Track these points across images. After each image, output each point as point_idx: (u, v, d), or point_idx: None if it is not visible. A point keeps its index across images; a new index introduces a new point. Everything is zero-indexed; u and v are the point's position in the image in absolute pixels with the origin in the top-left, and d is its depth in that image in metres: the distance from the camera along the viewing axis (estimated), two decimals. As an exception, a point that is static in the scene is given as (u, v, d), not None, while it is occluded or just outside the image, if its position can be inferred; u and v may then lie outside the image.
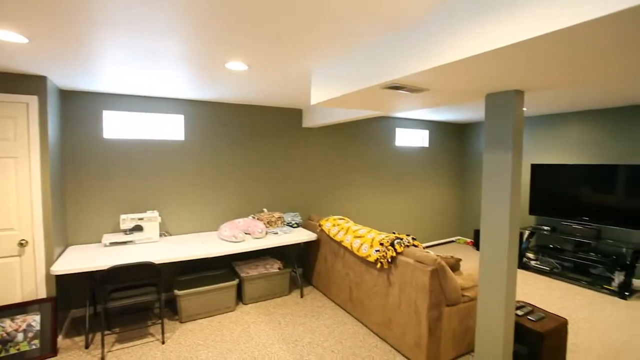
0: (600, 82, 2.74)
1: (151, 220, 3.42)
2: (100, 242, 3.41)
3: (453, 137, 6.20)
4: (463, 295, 2.56)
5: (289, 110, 4.50)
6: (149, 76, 2.71)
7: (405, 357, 2.67)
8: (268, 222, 4.07)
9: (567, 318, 3.29)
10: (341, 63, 2.26)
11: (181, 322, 3.25)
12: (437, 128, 5.93)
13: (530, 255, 4.96)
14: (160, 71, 2.56)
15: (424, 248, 2.72)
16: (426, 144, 5.80)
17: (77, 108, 3.28)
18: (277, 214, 4.17)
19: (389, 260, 2.72)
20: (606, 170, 4.17)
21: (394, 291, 2.71)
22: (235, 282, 3.47)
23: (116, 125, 3.53)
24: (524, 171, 5.34)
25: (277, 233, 3.88)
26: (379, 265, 2.79)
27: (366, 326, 3.16)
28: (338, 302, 3.60)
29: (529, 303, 2.83)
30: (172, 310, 3.52)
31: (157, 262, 2.80)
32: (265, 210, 4.38)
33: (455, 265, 2.79)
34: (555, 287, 4.12)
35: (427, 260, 2.43)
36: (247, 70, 2.53)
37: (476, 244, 5.76)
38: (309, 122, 4.45)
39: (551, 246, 4.74)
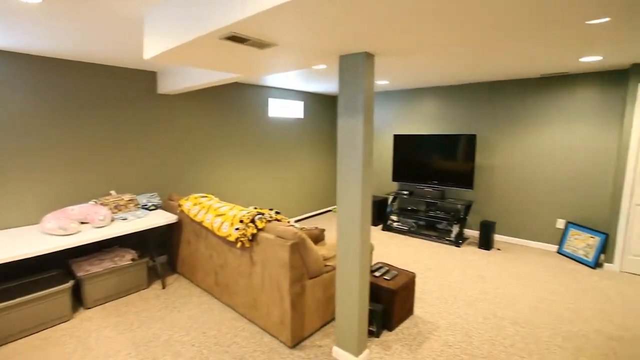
0: (443, 49, 2.96)
1: None
2: None
3: (327, 108, 6.31)
4: (326, 265, 2.56)
5: (140, 72, 3.73)
6: None
7: (272, 335, 2.57)
8: (115, 207, 3.38)
9: (415, 272, 3.73)
10: (176, 3, 1.81)
11: (-19, 349, 2.43)
12: (312, 99, 5.91)
13: (394, 218, 5.52)
14: None
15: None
16: (301, 115, 5.74)
17: None
18: (127, 196, 3.49)
19: (250, 238, 2.51)
20: (450, 140, 4.82)
21: (257, 270, 2.54)
22: (69, 284, 2.77)
23: None
24: (388, 141, 5.82)
25: (126, 219, 3.25)
26: (239, 244, 2.56)
27: (235, 310, 2.95)
28: (205, 287, 3.27)
29: (386, 263, 3.05)
30: (-32, 334, 2.62)
31: None
32: (112, 192, 3.62)
33: (319, 236, 2.78)
34: (411, 244, 4.66)
35: (287, 235, 2.30)
36: (42, 3, 1.83)
37: (350, 211, 6.12)
38: (164, 87, 3.78)
39: (409, 208, 5.35)
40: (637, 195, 3.57)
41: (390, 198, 5.37)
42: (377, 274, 2.79)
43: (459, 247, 4.53)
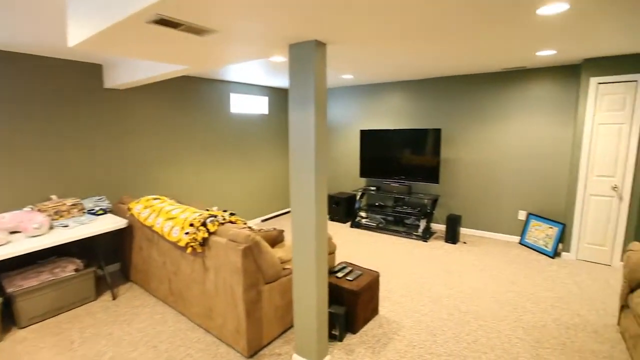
0: (397, 40, 2.87)
1: None
2: None
3: (294, 105, 6.14)
4: (284, 269, 2.42)
5: (83, 65, 3.41)
6: None
7: (229, 345, 2.41)
8: (56, 213, 3.07)
9: (381, 270, 3.66)
10: (93, -16, 1.60)
11: None
12: (277, 94, 5.73)
13: (362, 214, 5.46)
14: None
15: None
16: (266, 111, 5.55)
17: None
18: (70, 201, 3.19)
19: (201, 242, 2.32)
20: (415, 134, 4.81)
21: (211, 276, 2.36)
22: (-3, 301, 2.47)
23: None
24: (355, 137, 5.75)
25: (67, 226, 2.96)
26: (189, 249, 2.37)
27: (190, 320, 2.75)
28: (159, 296, 3.04)
29: (350, 263, 2.96)
30: None
31: None
32: (53, 197, 3.30)
33: (278, 238, 2.63)
34: (379, 240, 4.61)
35: (240, 238, 2.14)
36: None
37: (319, 209, 6.00)
38: (111, 81, 3.48)
39: (377, 204, 5.30)
40: (590, 186, 3.69)
41: (359, 194, 5.31)
42: (339, 274, 2.68)
43: (426, 241, 4.53)
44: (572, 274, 3.51)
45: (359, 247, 4.38)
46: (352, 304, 2.50)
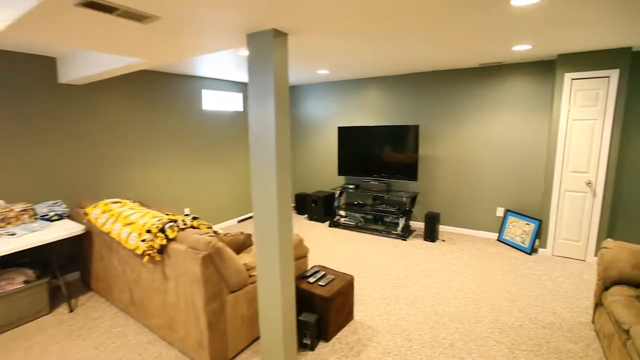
0: (363, 31, 2.75)
1: None
2: None
3: (271, 101, 5.94)
4: (251, 276, 2.27)
5: (34, 57, 3.13)
6: None
7: (191, 359, 2.24)
8: (2, 220, 2.81)
9: (358, 271, 3.55)
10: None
11: None
12: (252, 91, 5.52)
13: (342, 213, 5.35)
14: None
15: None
16: (240, 108, 5.34)
17: None
18: (19, 206, 2.93)
19: (159, 250, 2.14)
20: (393, 131, 4.72)
21: (171, 286, 2.19)
22: None
23: None
24: (333, 134, 5.63)
25: (14, 234, 2.70)
26: (146, 258, 2.18)
27: (152, 332, 2.56)
28: (120, 307, 2.84)
29: (323, 267, 2.83)
30: None
31: None
32: (1, 202, 3.02)
33: (245, 242, 2.47)
34: (357, 240, 4.51)
35: (200, 245, 1.97)
36: None
37: (298, 208, 5.87)
38: (66, 75, 3.22)
39: (355, 203, 5.20)
40: (565, 182, 3.69)
41: (337, 193, 5.19)
42: (311, 279, 2.55)
43: (405, 240, 4.46)
44: (548, 270, 3.50)
45: (337, 247, 4.26)
46: (324, 310, 2.37)
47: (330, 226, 5.11)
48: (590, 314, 2.70)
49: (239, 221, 5.46)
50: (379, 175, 4.91)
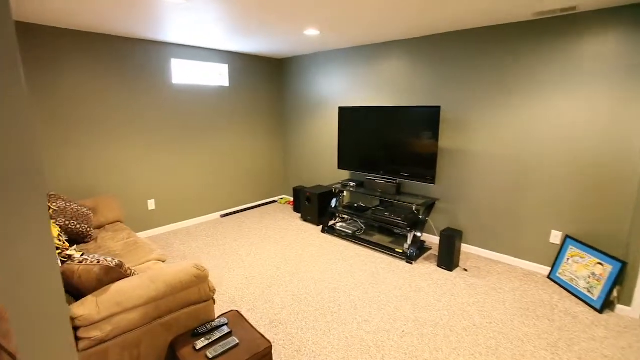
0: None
1: None
2: None
3: (267, 74, 4.96)
4: (88, 338, 1.37)
5: None
6: None
7: None
8: None
9: (271, 342, 2.44)
10: None
11: None
12: (242, 62, 4.58)
13: (340, 217, 4.28)
14: None
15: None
16: (226, 83, 4.44)
17: None
18: None
19: None
20: (409, 113, 3.47)
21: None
22: None
23: None
24: (333, 116, 4.50)
25: None
26: None
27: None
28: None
29: (238, 316, 1.85)
30: None
31: None
32: None
33: (102, 279, 1.56)
34: (347, 256, 3.42)
35: None
36: None
37: (295, 205, 4.90)
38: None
39: (356, 205, 4.07)
40: (677, 204, 2.22)
41: (336, 191, 4.11)
42: (200, 343, 1.59)
43: (411, 263, 3.28)
44: (629, 347, 2.13)
45: (318, 264, 3.23)
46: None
47: (323, 232, 4.07)
48: None
49: (222, 216, 4.66)
50: (387, 172, 3.73)
